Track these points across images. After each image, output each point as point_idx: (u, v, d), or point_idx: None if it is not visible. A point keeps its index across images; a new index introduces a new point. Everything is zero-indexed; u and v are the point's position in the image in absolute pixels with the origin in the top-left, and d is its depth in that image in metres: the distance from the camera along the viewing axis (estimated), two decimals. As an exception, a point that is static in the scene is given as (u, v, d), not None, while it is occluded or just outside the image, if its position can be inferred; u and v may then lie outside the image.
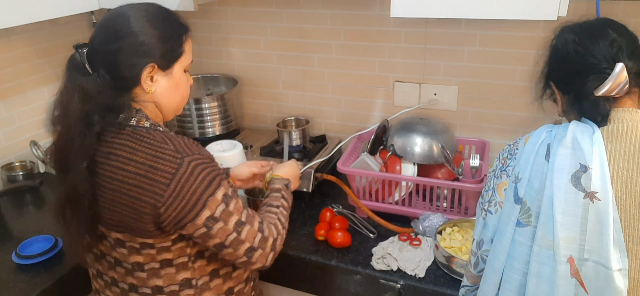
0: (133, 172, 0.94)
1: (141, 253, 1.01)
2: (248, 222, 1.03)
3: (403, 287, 1.28)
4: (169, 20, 1.05)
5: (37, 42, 1.84)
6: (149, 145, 0.96)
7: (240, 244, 1.01)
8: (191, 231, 0.97)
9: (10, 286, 1.27)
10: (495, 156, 1.71)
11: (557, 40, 0.99)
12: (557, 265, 0.85)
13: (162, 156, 0.95)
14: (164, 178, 0.93)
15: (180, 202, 0.94)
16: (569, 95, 0.97)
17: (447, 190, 1.46)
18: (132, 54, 0.98)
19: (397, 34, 1.70)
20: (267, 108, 2.03)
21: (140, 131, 0.99)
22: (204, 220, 0.96)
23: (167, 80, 1.05)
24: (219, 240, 0.99)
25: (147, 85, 1.01)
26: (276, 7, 1.83)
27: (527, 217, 0.90)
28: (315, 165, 1.65)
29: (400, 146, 1.55)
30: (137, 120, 1.00)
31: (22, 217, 1.62)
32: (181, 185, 0.93)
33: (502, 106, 1.66)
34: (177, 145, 0.97)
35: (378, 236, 1.45)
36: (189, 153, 0.96)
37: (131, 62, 0.98)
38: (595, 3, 1.22)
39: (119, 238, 1.01)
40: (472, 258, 1.04)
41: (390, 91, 1.79)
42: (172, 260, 1.02)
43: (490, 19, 1.50)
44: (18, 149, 1.83)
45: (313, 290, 1.44)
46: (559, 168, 0.86)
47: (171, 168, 0.94)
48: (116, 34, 0.98)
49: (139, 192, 0.94)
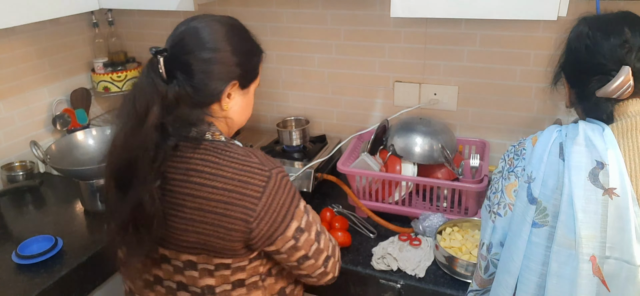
0: (220, 187, 0.90)
1: (214, 276, 0.96)
2: (322, 231, 1.02)
3: (403, 287, 1.28)
4: (251, 40, 1.04)
5: (37, 42, 1.85)
6: (234, 160, 0.92)
7: (320, 254, 1.00)
8: (280, 245, 0.95)
9: (10, 286, 1.27)
10: (495, 156, 1.72)
11: (573, 31, 0.97)
12: (579, 264, 0.83)
13: (250, 170, 0.91)
14: (255, 191, 0.90)
15: (272, 215, 0.92)
16: (576, 90, 0.97)
17: (447, 190, 1.46)
18: (219, 70, 0.96)
19: (397, 34, 1.70)
20: (267, 108, 2.03)
21: (220, 145, 0.94)
22: (293, 232, 0.95)
23: (242, 98, 1.03)
24: (304, 252, 0.97)
25: (225, 103, 0.99)
26: (276, 7, 1.83)
27: (543, 217, 0.88)
28: (315, 165, 1.65)
29: (400, 146, 1.55)
30: (212, 134, 0.96)
31: (22, 216, 1.62)
32: (272, 198, 0.91)
33: (502, 106, 1.66)
34: (261, 157, 0.94)
35: (378, 236, 1.45)
36: (274, 166, 0.94)
37: (217, 78, 0.96)
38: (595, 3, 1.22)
39: (191, 260, 0.95)
40: (482, 262, 1.01)
41: (390, 91, 1.79)
42: (245, 280, 0.98)
43: (490, 19, 1.50)
44: (18, 149, 1.83)
45: (313, 290, 1.44)
46: (575, 166, 0.86)
47: (261, 181, 0.91)
48: (200, 46, 0.95)
49: (227, 208, 0.90)
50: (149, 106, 0.90)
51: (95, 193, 1.54)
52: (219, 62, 0.96)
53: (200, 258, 0.95)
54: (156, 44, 0.97)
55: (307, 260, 0.99)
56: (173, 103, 0.92)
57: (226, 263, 0.95)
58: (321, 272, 1.02)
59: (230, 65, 0.97)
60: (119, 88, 2.00)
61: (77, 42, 2.00)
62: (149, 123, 0.89)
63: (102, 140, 1.75)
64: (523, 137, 0.99)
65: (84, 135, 1.73)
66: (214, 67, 0.96)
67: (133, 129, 0.90)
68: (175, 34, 0.99)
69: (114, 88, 2.00)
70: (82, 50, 2.03)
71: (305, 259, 0.98)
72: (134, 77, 2.01)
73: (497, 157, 1.73)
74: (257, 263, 0.99)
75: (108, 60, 2.02)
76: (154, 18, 2.04)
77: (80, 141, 1.71)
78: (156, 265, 1.00)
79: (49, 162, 1.57)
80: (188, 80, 0.94)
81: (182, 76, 0.94)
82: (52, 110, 1.92)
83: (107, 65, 2.00)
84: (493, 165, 1.71)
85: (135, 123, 0.90)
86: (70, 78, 2.00)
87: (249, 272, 0.98)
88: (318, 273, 1.02)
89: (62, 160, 1.62)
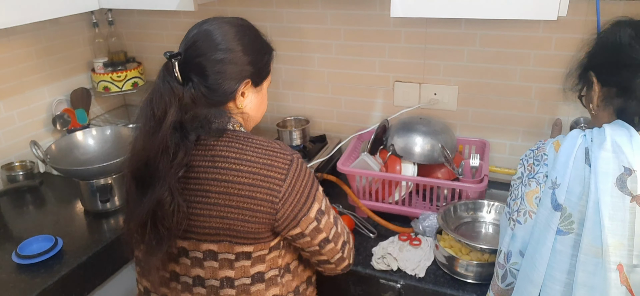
0: (246, 170, 0.94)
1: (234, 267, 0.98)
2: (338, 217, 1.06)
3: (403, 287, 1.28)
4: (261, 39, 1.08)
5: (37, 42, 1.85)
6: (257, 145, 0.97)
7: (338, 238, 1.03)
8: (304, 227, 0.98)
9: (11, 286, 1.27)
10: (495, 156, 1.72)
11: (609, 31, 0.94)
12: (607, 273, 0.81)
13: (274, 153, 0.96)
14: (280, 173, 0.95)
15: (296, 196, 0.96)
16: (610, 88, 0.93)
17: (447, 190, 1.46)
18: (232, 70, 0.99)
19: (397, 34, 1.70)
20: (267, 108, 2.03)
21: (242, 134, 1.00)
22: (315, 213, 0.98)
23: (256, 96, 1.08)
24: (325, 234, 1.01)
25: (240, 101, 1.03)
26: (276, 7, 1.83)
27: (569, 224, 0.86)
28: (315, 165, 1.65)
29: (400, 146, 1.55)
30: (233, 125, 1.01)
31: (22, 217, 1.62)
32: (295, 179, 0.96)
33: (502, 106, 1.66)
34: (281, 145, 0.99)
35: (378, 236, 1.45)
36: (294, 151, 1.00)
37: (230, 78, 0.99)
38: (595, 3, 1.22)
39: (212, 250, 0.98)
40: (500, 271, 0.99)
41: (390, 91, 1.79)
42: (264, 274, 1.00)
43: (490, 19, 1.50)
44: (18, 149, 1.83)
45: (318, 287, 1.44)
46: (603, 172, 0.83)
47: (284, 164, 0.96)
48: (212, 48, 0.98)
49: (253, 190, 0.94)
50: (167, 108, 0.94)
51: (95, 193, 1.54)
52: (232, 62, 0.99)
53: (222, 247, 0.97)
54: (156, 43, 0.97)
55: (328, 244, 1.02)
56: (190, 104, 0.96)
57: (247, 251, 0.97)
58: (339, 257, 1.05)
59: (243, 65, 1.01)
60: (119, 88, 2.00)
61: (77, 42, 2.00)
62: (167, 124, 0.93)
63: (102, 140, 1.75)
64: (543, 141, 0.97)
65: (83, 135, 1.73)
66: (227, 67, 0.99)
67: (152, 131, 0.94)
68: (188, 38, 1.02)
69: (114, 88, 2.00)
70: (82, 50, 2.03)
71: (327, 242, 1.02)
72: (133, 77, 2.01)
73: (497, 157, 1.73)
74: (276, 254, 1.01)
75: (108, 60, 2.02)
76: (154, 18, 2.04)
77: (80, 141, 1.71)
78: (173, 260, 1.02)
79: (49, 161, 1.57)
80: (203, 81, 0.98)
81: (196, 78, 0.98)
82: (52, 110, 1.92)
83: (107, 65, 2.00)
84: (493, 165, 1.71)
85: (154, 125, 0.94)
86: (70, 78, 2.00)
87: (268, 264, 1.00)
88: (337, 257, 1.05)
89: (62, 160, 1.62)
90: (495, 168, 1.71)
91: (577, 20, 1.46)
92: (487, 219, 1.40)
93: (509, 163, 1.72)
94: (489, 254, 1.25)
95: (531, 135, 1.66)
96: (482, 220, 1.40)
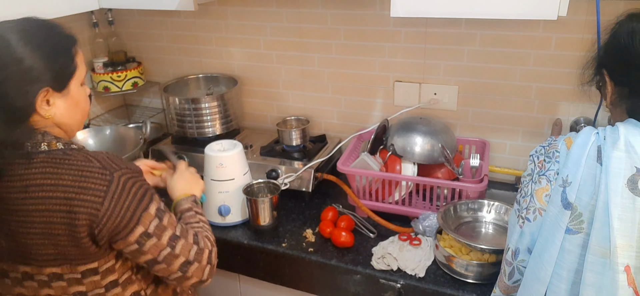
0: (62, 197, 0.88)
1: (83, 283, 0.96)
2: (182, 235, 0.99)
3: (403, 287, 1.28)
4: (53, 35, 0.96)
5: (37, 42, 1.84)
6: (73, 167, 0.90)
7: (174, 259, 0.97)
8: (122, 247, 0.94)
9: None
10: (495, 156, 1.72)
11: (622, 27, 0.91)
12: (614, 274, 0.81)
13: (90, 175, 0.89)
14: (97, 196, 0.89)
15: (115, 220, 0.90)
16: (623, 88, 0.91)
17: (447, 190, 1.46)
18: (21, 82, 0.88)
19: (397, 34, 1.70)
20: (267, 108, 2.03)
21: (57, 154, 0.92)
22: (137, 237, 0.92)
23: (65, 100, 0.96)
24: (151, 256, 0.95)
25: (45, 111, 0.93)
26: (276, 7, 1.83)
27: (579, 224, 0.85)
28: (315, 165, 1.65)
29: (400, 146, 1.55)
30: (48, 144, 0.93)
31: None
32: (115, 201, 0.89)
33: (502, 106, 1.67)
34: (103, 161, 0.92)
35: (378, 236, 1.45)
36: (117, 168, 0.92)
37: (21, 91, 0.89)
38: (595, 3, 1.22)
39: (56, 272, 0.95)
40: (507, 268, 0.98)
41: (390, 91, 1.79)
42: (118, 280, 0.98)
43: (490, 18, 1.50)
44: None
45: (313, 290, 1.44)
46: (614, 172, 0.82)
47: (102, 185, 0.89)
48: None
49: (72, 217, 0.89)
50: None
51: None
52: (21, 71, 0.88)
53: (64, 269, 0.94)
54: (156, 43, 0.95)
55: (157, 264, 0.97)
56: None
57: (93, 267, 0.95)
58: (178, 277, 0.99)
59: (35, 72, 0.90)
60: (119, 88, 2.00)
61: (77, 42, 2.00)
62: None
63: (102, 140, 1.75)
64: (555, 138, 0.96)
65: (83, 135, 1.73)
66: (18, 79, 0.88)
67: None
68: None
69: (114, 88, 2.00)
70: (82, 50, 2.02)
71: (155, 263, 0.96)
72: (133, 77, 2.01)
73: (497, 157, 1.73)
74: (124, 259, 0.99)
75: (108, 60, 2.02)
76: (154, 18, 2.04)
77: (80, 141, 1.71)
78: (19, 284, 0.98)
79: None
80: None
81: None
82: (52, 110, 1.92)
83: (107, 65, 2.00)
84: (493, 165, 1.71)
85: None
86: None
87: (120, 271, 0.98)
88: (175, 277, 0.99)
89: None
90: (495, 168, 1.71)
91: (577, 20, 1.46)
92: (487, 219, 1.40)
93: (509, 163, 1.72)
94: (489, 254, 1.25)
95: (531, 135, 1.66)
96: (482, 220, 1.40)
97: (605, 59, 0.95)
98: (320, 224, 1.47)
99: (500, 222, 1.39)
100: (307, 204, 1.63)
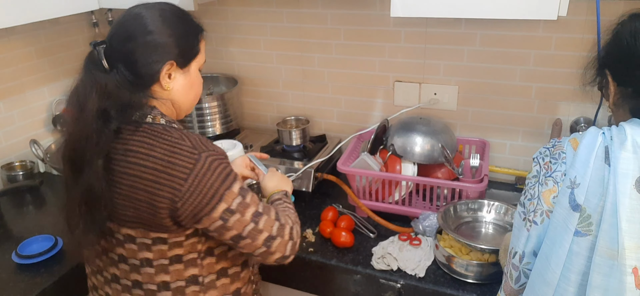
0: (151, 167, 0.95)
1: (152, 250, 1.01)
2: (265, 212, 1.04)
3: (403, 287, 1.28)
4: (184, 19, 1.07)
5: (37, 42, 1.84)
6: (166, 142, 0.97)
7: (258, 234, 1.02)
8: (207, 224, 0.98)
9: (11, 286, 1.27)
10: (495, 156, 1.72)
11: (624, 27, 0.90)
12: (622, 276, 0.80)
13: (180, 152, 0.96)
14: (182, 173, 0.95)
15: (198, 196, 0.95)
16: (626, 88, 0.91)
17: (447, 190, 1.46)
18: (152, 52, 1.00)
19: (397, 34, 1.70)
20: (267, 108, 2.04)
21: (157, 128, 1.00)
22: (220, 213, 0.97)
23: (184, 78, 1.07)
24: (236, 231, 1.00)
25: (166, 83, 1.03)
26: (276, 7, 1.83)
27: (587, 226, 0.83)
28: (315, 165, 1.65)
29: (400, 146, 1.55)
30: (153, 117, 1.02)
31: (22, 216, 1.62)
32: (199, 179, 0.95)
33: (502, 106, 1.67)
34: (194, 141, 0.98)
35: (378, 236, 1.45)
36: (206, 150, 0.98)
37: (151, 60, 1.00)
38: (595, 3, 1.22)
39: (130, 234, 1.02)
40: (514, 273, 0.97)
41: (390, 91, 1.79)
42: (182, 256, 1.03)
43: (490, 18, 1.50)
44: (18, 149, 1.82)
45: (313, 289, 1.44)
46: (622, 173, 0.81)
47: (189, 163, 0.95)
48: (133, 33, 1.00)
49: (156, 187, 0.95)
50: (88, 97, 0.98)
51: (95, 193, 1.54)
52: (154, 43, 1.00)
53: (138, 232, 1.01)
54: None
55: (242, 239, 1.01)
56: (114, 91, 0.98)
57: (163, 237, 1.00)
58: (263, 251, 1.04)
59: (166, 46, 1.01)
60: (119, 88, 2.00)
61: (77, 42, 2.00)
62: (88, 112, 0.96)
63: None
64: (559, 139, 0.95)
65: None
66: (149, 49, 1.00)
67: (77, 119, 0.98)
68: (112, 27, 1.05)
69: (114, 88, 1.99)
70: (82, 50, 2.01)
71: (240, 239, 1.01)
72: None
73: (497, 157, 1.73)
74: (194, 240, 1.03)
75: (108, 60, 2.01)
76: (154, 18, 2.03)
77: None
78: (103, 237, 1.06)
79: (48, 161, 1.57)
80: (127, 66, 1.00)
81: (121, 63, 1.00)
82: (52, 110, 1.92)
83: (107, 65, 2.00)
84: (493, 165, 1.71)
85: (78, 113, 0.98)
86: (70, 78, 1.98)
87: (186, 248, 1.02)
88: (260, 252, 1.04)
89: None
90: (495, 168, 1.71)
91: (577, 20, 1.46)
92: (487, 219, 1.40)
93: (509, 163, 1.72)
94: (489, 254, 1.25)
95: (531, 135, 1.66)
96: (482, 220, 1.40)
97: (608, 59, 0.94)
98: (321, 224, 1.48)
99: (500, 222, 1.39)
100: (307, 204, 1.63)
